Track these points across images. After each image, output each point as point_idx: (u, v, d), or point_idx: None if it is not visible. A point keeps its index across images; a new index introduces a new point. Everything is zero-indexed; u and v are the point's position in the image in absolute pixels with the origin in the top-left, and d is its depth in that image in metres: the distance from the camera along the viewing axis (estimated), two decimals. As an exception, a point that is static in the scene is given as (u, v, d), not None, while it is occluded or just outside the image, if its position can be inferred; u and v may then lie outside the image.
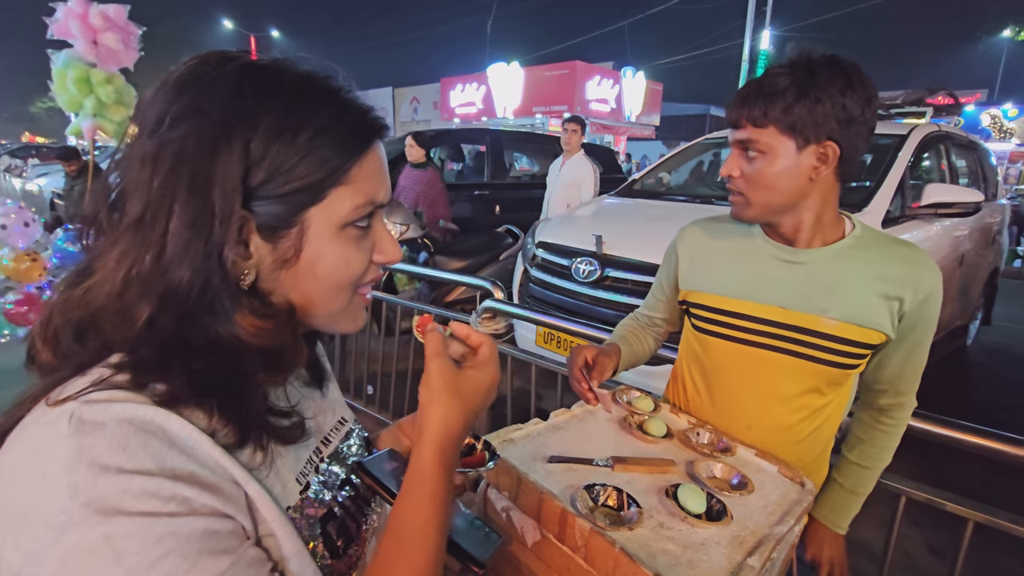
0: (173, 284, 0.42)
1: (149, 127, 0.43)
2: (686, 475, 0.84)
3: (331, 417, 0.63)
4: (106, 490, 0.35)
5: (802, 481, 0.87)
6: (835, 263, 0.94)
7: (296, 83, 0.46)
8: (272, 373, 0.48)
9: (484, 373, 0.54)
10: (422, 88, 20.51)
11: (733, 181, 0.94)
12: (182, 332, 0.43)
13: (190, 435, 0.40)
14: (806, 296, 0.95)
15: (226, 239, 0.43)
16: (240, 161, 0.43)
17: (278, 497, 0.47)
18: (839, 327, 0.92)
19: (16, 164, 11.90)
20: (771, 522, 0.75)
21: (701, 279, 1.06)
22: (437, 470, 0.49)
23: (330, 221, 0.47)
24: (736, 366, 1.02)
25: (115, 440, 0.36)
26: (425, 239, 4.05)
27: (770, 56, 14.99)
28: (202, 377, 0.43)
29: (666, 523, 0.71)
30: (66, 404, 0.38)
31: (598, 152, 6.18)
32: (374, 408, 2.94)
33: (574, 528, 0.65)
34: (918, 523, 2.11)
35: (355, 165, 0.47)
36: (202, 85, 0.44)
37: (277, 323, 0.46)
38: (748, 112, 0.88)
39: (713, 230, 1.09)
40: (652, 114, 16.93)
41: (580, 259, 2.72)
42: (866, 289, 0.91)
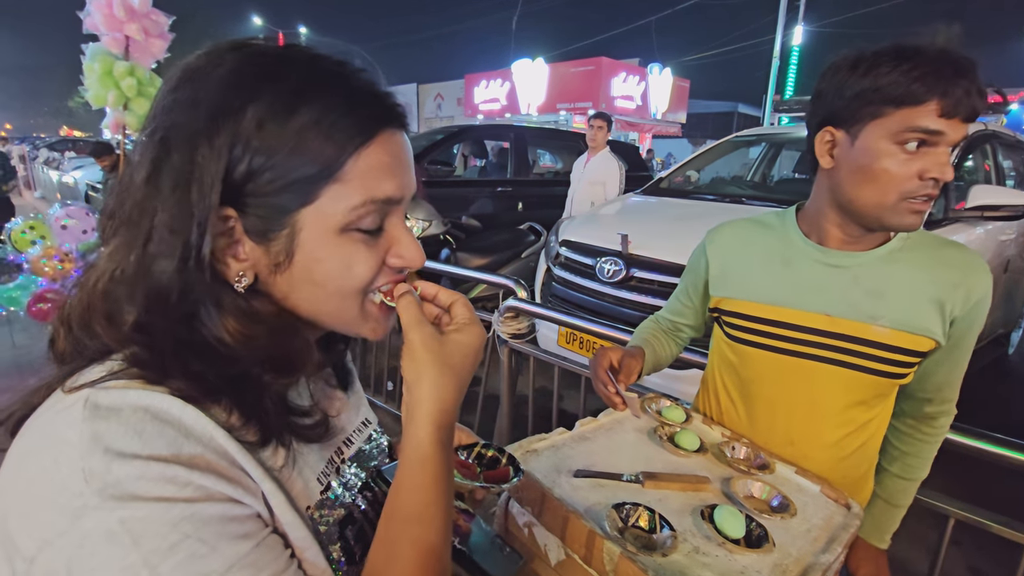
0: (155, 285, 0.40)
1: (147, 121, 0.42)
2: (722, 494, 0.79)
3: (355, 418, 0.61)
4: (122, 475, 0.34)
5: (847, 503, 0.81)
6: (883, 267, 0.88)
7: (297, 68, 0.43)
8: (279, 376, 0.45)
9: (469, 335, 0.49)
10: (446, 84, 20.57)
11: (934, 184, 0.79)
12: (177, 333, 0.41)
13: (205, 427, 0.39)
14: (853, 302, 0.89)
15: (204, 239, 0.40)
16: (222, 156, 0.40)
17: (298, 496, 0.45)
18: (889, 334, 0.87)
19: (54, 157, 12.30)
20: (816, 549, 0.70)
21: (735, 285, 1.00)
22: (436, 450, 0.45)
23: (326, 224, 0.43)
24: (776, 377, 0.96)
25: (131, 426, 0.36)
26: (447, 235, 4.03)
27: (803, 52, 14.60)
28: (202, 379, 0.41)
29: (702, 548, 0.66)
30: (82, 391, 0.38)
31: (623, 149, 6.08)
32: (393, 404, 2.93)
33: (602, 551, 0.61)
34: (959, 542, 2.01)
35: (351, 159, 0.42)
36: (199, 77, 0.41)
37: (267, 329, 0.44)
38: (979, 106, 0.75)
39: (746, 233, 1.02)
40: (678, 111, 16.71)
41: (605, 258, 2.67)
42: (917, 293, 0.86)
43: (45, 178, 9.78)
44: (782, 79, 14.54)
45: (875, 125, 0.80)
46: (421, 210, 3.82)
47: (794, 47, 14.63)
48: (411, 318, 0.47)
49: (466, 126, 6.21)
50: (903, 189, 0.80)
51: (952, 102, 0.75)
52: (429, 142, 5.11)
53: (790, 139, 4.18)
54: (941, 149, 0.78)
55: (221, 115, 0.40)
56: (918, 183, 0.79)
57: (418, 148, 4.96)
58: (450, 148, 5.78)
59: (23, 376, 3.36)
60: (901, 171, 0.79)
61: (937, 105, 0.75)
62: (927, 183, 0.79)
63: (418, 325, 0.47)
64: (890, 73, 0.77)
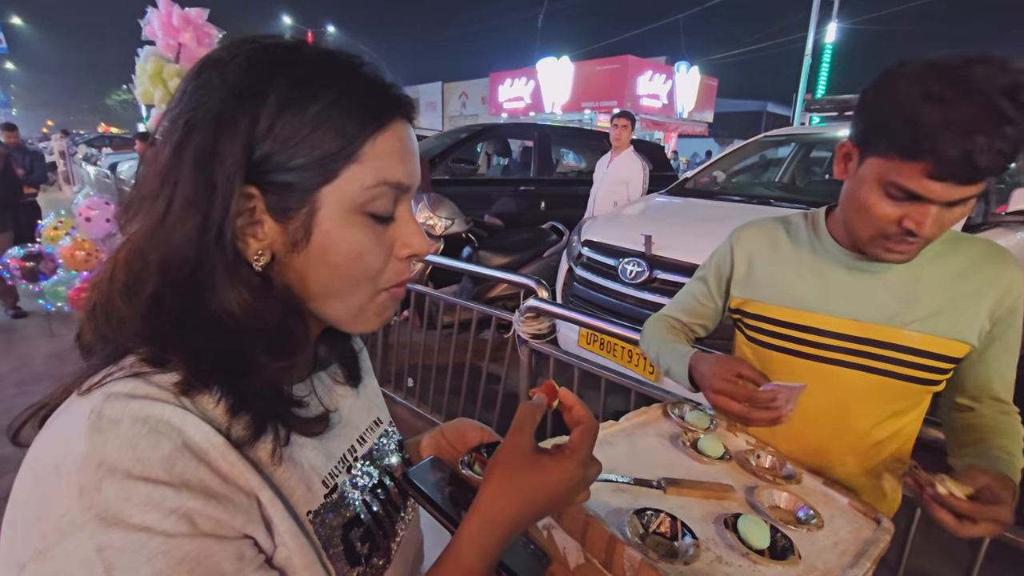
0: (168, 255, 0.41)
1: (171, 104, 0.44)
2: (746, 503, 0.77)
3: (366, 416, 0.60)
4: (110, 495, 0.35)
5: (877, 517, 0.78)
6: (912, 270, 0.86)
7: (312, 57, 0.44)
8: (277, 357, 0.45)
9: (560, 467, 0.45)
10: (471, 83, 20.64)
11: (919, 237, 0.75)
12: (184, 308, 0.42)
13: (206, 436, 0.39)
14: (884, 308, 0.87)
15: (227, 215, 0.41)
16: (245, 134, 0.41)
17: (298, 502, 0.45)
18: (921, 339, 0.84)
19: (92, 153, 12.72)
20: (843, 563, 0.67)
21: (761, 287, 0.97)
22: (471, 554, 0.44)
23: (341, 204, 0.44)
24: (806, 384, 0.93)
25: (127, 440, 0.36)
26: (469, 234, 4.04)
27: (836, 50, 14.22)
28: (201, 354, 0.42)
29: (724, 557, 0.65)
30: (92, 395, 0.39)
31: (647, 149, 6.01)
32: (413, 401, 2.95)
33: (622, 557, 0.60)
34: (993, 559, 1.93)
35: (368, 141, 0.44)
36: (220, 65, 0.43)
37: (277, 305, 0.45)
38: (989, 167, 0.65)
39: (774, 233, 0.99)
40: (705, 110, 16.45)
41: (628, 259, 2.64)
42: (951, 296, 0.84)
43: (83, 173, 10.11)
44: (814, 77, 14.20)
45: (874, 160, 0.75)
46: (444, 208, 3.83)
47: (827, 44, 14.28)
48: (518, 421, 0.48)
49: (490, 124, 6.21)
50: (880, 229, 0.78)
51: (944, 167, 0.67)
52: (453, 140, 5.12)
53: (821, 139, 4.08)
54: (928, 207, 0.72)
55: (244, 96, 0.41)
56: (896, 229, 0.76)
57: (442, 146, 4.98)
58: (474, 147, 5.79)
59: (62, 365, 3.49)
60: (882, 212, 0.76)
61: (926, 166, 0.68)
62: (904, 231, 0.75)
63: (516, 431, 0.47)
64: (901, 110, 0.69)
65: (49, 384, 0.44)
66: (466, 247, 4.05)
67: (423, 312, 2.94)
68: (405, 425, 2.86)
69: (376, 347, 3.20)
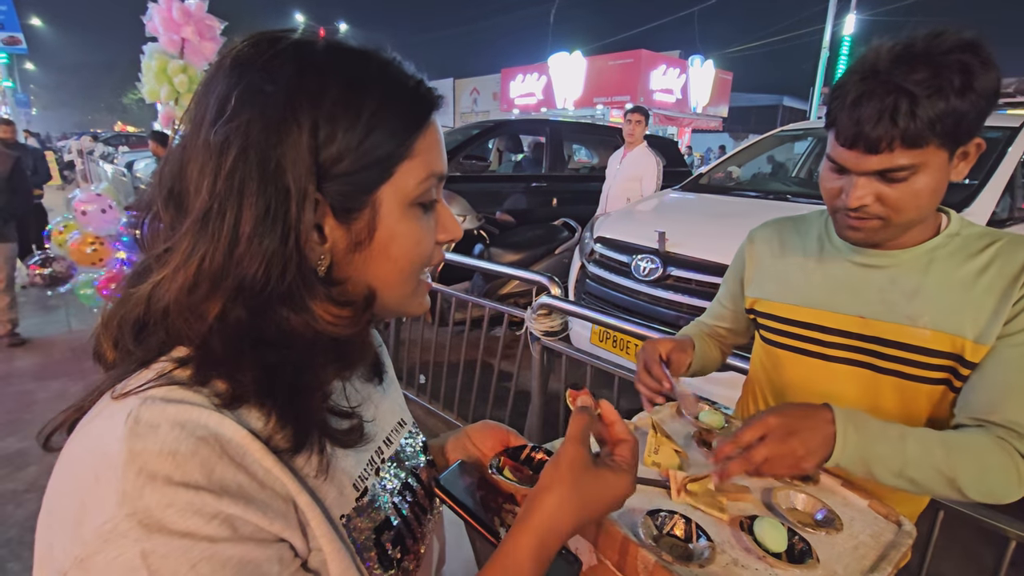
0: (248, 276, 0.40)
1: (211, 115, 0.41)
2: (762, 505, 0.76)
3: (391, 418, 0.60)
4: (152, 502, 0.35)
5: (898, 520, 0.76)
6: (926, 264, 0.82)
7: (353, 59, 0.44)
8: (343, 367, 0.47)
9: (619, 480, 0.48)
10: (482, 79, 20.61)
11: (864, 209, 0.76)
12: (255, 324, 0.42)
13: (242, 442, 0.39)
14: (890, 303, 0.83)
15: (302, 225, 0.41)
16: (310, 141, 0.41)
17: (332, 505, 0.45)
18: (933, 337, 0.80)
19: (109, 151, 12.92)
20: (863, 568, 0.66)
21: (769, 286, 0.96)
22: (530, 565, 0.44)
23: (399, 198, 0.46)
24: (812, 383, 0.92)
25: (167, 446, 0.36)
26: (480, 231, 4.03)
27: (855, 43, 13.96)
28: (273, 371, 0.42)
29: (740, 560, 0.63)
30: (128, 399, 0.38)
31: (661, 144, 5.96)
32: (425, 398, 2.96)
33: (636, 559, 0.59)
34: (1016, 563, 1.89)
35: (419, 138, 0.46)
36: (261, 66, 0.41)
37: (355, 310, 0.45)
38: (903, 131, 0.68)
39: (785, 232, 0.98)
40: (720, 105, 16.29)
41: (641, 256, 2.62)
42: (962, 291, 0.79)
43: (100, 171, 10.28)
44: (831, 71, 13.96)
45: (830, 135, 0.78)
46: (456, 205, 3.83)
47: (845, 37, 14.02)
48: (575, 433, 0.48)
49: (501, 121, 6.20)
50: (832, 204, 0.80)
51: (843, 134, 0.71)
52: (464, 137, 5.12)
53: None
54: (850, 176, 0.75)
55: (301, 100, 0.41)
56: (840, 203, 0.78)
57: (453, 143, 4.97)
58: (485, 143, 5.78)
59: (79, 360, 3.54)
60: (825, 186, 0.80)
61: (835, 134, 0.73)
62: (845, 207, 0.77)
63: (577, 442, 0.48)
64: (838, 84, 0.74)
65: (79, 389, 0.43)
66: (478, 244, 4.04)
67: (435, 309, 2.95)
68: (418, 422, 2.86)
69: (388, 344, 3.22)
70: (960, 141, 0.72)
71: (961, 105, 0.67)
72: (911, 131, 0.68)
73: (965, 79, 0.67)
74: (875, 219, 0.77)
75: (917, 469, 0.72)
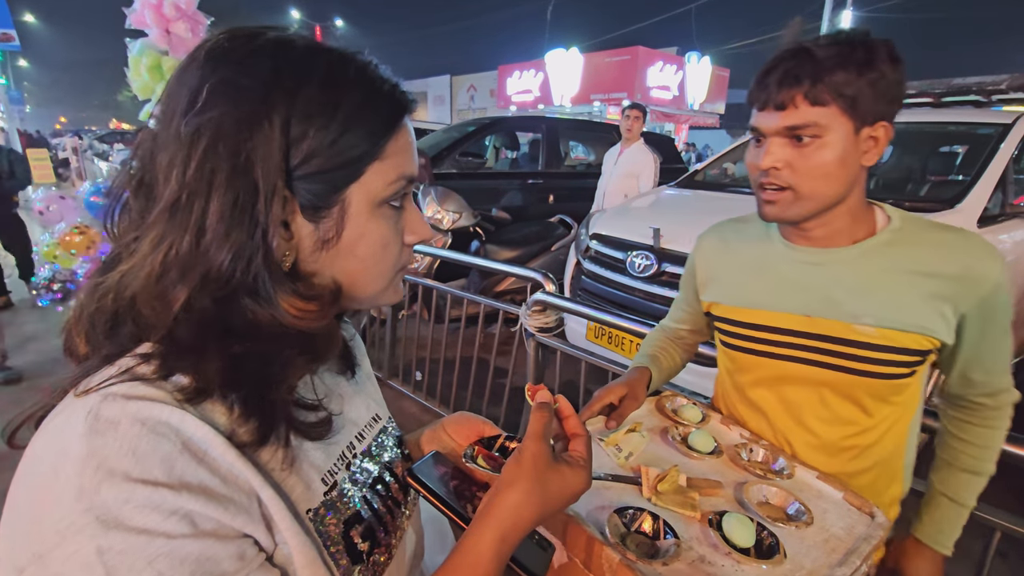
0: (214, 266, 0.41)
1: (182, 106, 0.41)
2: (734, 500, 0.77)
3: (365, 412, 0.61)
4: (109, 497, 0.35)
5: (871, 511, 0.77)
6: (867, 261, 0.82)
7: (330, 59, 0.45)
8: (310, 360, 0.47)
9: (576, 476, 0.49)
10: (479, 76, 20.55)
11: (775, 174, 0.79)
12: (221, 315, 0.42)
13: (205, 436, 0.39)
14: (834, 301, 0.84)
15: (270, 220, 0.42)
16: (281, 137, 0.41)
17: (298, 500, 0.45)
18: (876, 334, 0.81)
19: (103, 149, 12.89)
20: (832, 562, 0.67)
21: (719, 290, 0.97)
22: (491, 559, 0.44)
23: (368, 199, 0.46)
24: (767, 381, 0.93)
25: (126, 442, 0.36)
26: (477, 228, 4.03)
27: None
28: (239, 362, 0.42)
29: (707, 557, 0.64)
30: (89, 396, 0.38)
31: (657, 141, 5.95)
32: (421, 395, 2.96)
33: (601, 557, 0.60)
34: (1005, 554, 1.91)
35: (391, 140, 0.47)
36: (237, 60, 0.42)
37: (321, 305, 0.46)
38: (807, 88, 0.74)
39: (729, 235, 0.99)
40: (717, 101, 16.24)
41: (636, 252, 2.63)
42: (907, 289, 0.80)
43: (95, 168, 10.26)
44: (828, 66, 13.88)
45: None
46: (452, 202, 3.83)
47: (842, 33, 13.97)
48: (537, 430, 0.49)
49: (498, 118, 6.20)
50: (753, 180, 0.83)
51: (759, 96, 0.78)
52: (461, 134, 5.11)
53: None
54: (767, 142, 0.79)
55: (276, 95, 0.41)
56: (757, 173, 0.82)
57: (449, 140, 4.97)
58: (482, 140, 5.77)
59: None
60: (749, 161, 0.84)
61: (753, 103, 0.80)
62: (760, 174, 0.81)
63: (539, 438, 0.48)
64: None
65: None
66: (474, 241, 4.04)
67: (431, 306, 2.95)
68: (413, 419, 2.88)
69: (384, 341, 3.22)
70: (863, 116, 0.75)
71: (860, 77, 0.73)
72: (814, 88, 0.73)
73: (867, 55, 0.73)
74: (786, 190, 0.79)
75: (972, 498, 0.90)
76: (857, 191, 0.81)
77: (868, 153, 0.78)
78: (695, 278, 1.03)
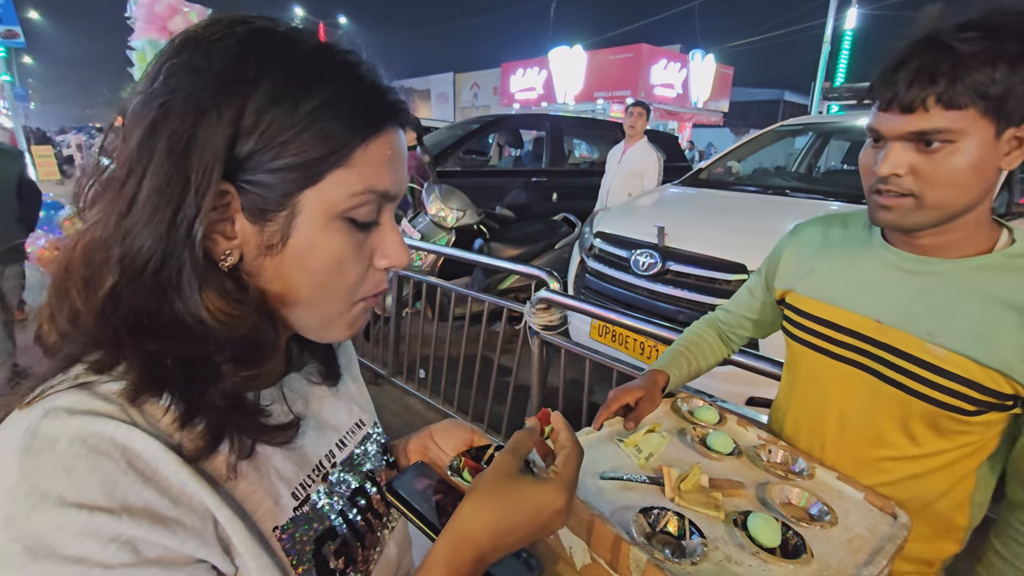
0: (132, 252, 0.38)
1: (143, 85, 0.40)
2: (756, 500, 0.76)
3: (347, 418, 0.57)
4: (40, 525, 0.32)
5: (894, 512, 0.76)
6: (963, 278, 0.74)
7: (308, 51, 0.41)
8: (242, 367, 0.42)
9: (541, 492, 0.44)
10: (482, 73, 20.54)
11: (896, 181, 0.72)
12: (146, 309, 0.39)
13: (154, 453, 0.36)
14: (913, 313, 0.77)
15: (199, 212, 0.38)
16: (228, 127, 0.38)
17: (263, 517, 0.43)
18: (948, 357, 0.73)
19: (109, 146, 12.90)
20: (858, 561, 0.66)
21: (800, 279, 0.93)
22: (441, 567, 0.42)
23: (323, 208, 0.42)
24: (820, 380, 0.90)
25: (62, 463, 0.33)
26: (480, 226, 4.02)
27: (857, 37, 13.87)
28: (155, 360, 0.38)
29: (734, 557, 0.64)
30: (32, 409, 0.36)
31: (661, 139, 5.94)
32: (425, 392, 2.96)
33: (628, 557, 0.59)
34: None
35: (360, 148, 0.42)
36: (205, 44, 0.39)
37: (245, 310, 0.41)
38: (942, 88, 0.65)
39: (829, 228, 0.95)
40: (721, 99, 16.23)
41: (640, 251, 2.61)
42: (996, 319, 0.71)
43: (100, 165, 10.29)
44: (833, 65, 13.85)
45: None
46: (455, 200, 3.82)
47: (847, 31, 13.93)
48: (511, 445, 0.47)
49: (501, 116, 6.17)
50: (867, 182, 0.78)
51: (884, 94, 0.71)
52: (464, 132, 5.10)
53: (839, 128, 3.99)
54: (887, 144, 0.73)
55: (233, 84, 0.38)
56: (873, 176, 0.75)
57: (453, 138, 4.96)
58: (485, 138, 5.76)
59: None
60: (863, 161, 0.78)
61: (875, 100, 0.74)
62: (879, 179, 0.74)
63: (507, 452, 0.46)
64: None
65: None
66: (477, 239, 4.04)
67: (434, 304, 2.95)
68: (419, 416, 2.88)
69: (387, 340, 3.22)
70: (1009, 116, 0.66)
71: (1012, 72, 0.63)
72: (951, 89, 0.64)
73: (1021, 47, 0.63)
74: (907, 196, 0.72)
75: None
76: (987, 200, 0.73)
77: (1009, 155, 0.69)
78: (776, 264, 0.99)
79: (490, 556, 0.43)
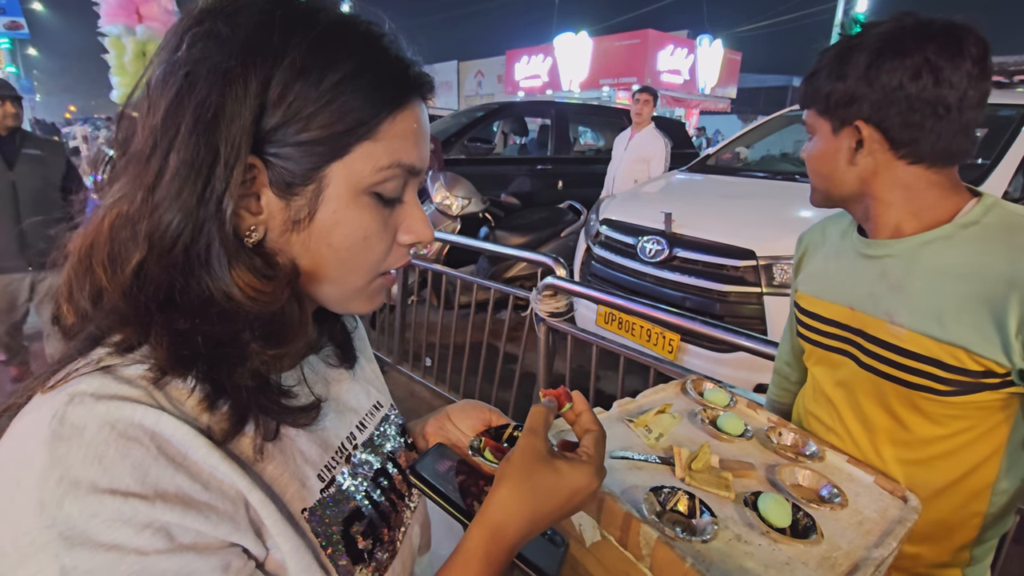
0: (160, 227, 0.37)
1: (164, 54, 0.39)
2: (767, 481, 0.76)
3: (366, 401, 0.57)
4: (73, 512, 0.31)
5: (904, 495, 0.76)
6: (914, 255, 0.75)
7: (333, 22, 0.40)
8: (270, 345, 0.41)
9: (575, 471, 0.44)
10: (487, 61, 20.39)
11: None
12: (174, 286, 0.38)
13: (184, 438, 0.36)
14: (875, 296, 0.79)
15: (228, 186, 0.37)
16: (255, 99, 0.37)
17: (292, 500, 0.42)
18: (907, 337, 0.73)
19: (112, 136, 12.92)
20: (868, 543, 0.66)
21: (801, 279, 0.97)
22: (481, 559, 0.41)
23: (350, 182, 0.41)
24: (822, 373, 0.92)
25: (92, 449, 0.33)
26: (486, 214, 4.01)
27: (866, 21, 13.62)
28: (185, 339, 0.38)
29: (744, 536, 0.63)
30: (57, 395, 0.35)
31: (668, 125, 5.89)
32: (431, 380, 2.97)
33: (639, 535, 0.59)
34: (1020, 541, 1.89)
35: (387, 120, 0.41)
36: (228, 12, 0.38)
37: (277, 286, 0.41)
38: (801, 92, 0.84)
39: (827, 226, 0.98)
40: (728, 86, 16.06)
41: (646, 237, 2.60)
42: (953, 290, 0.70)
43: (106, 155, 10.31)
44: (842, 50, 13.64)
45: None
46: (461, 188, 3.81)
47: (858, 15, 13.67)
48: (531, 425, 0.46)
49: (506, 103, 6.13)
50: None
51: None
52: (469, 119, 5.07)
53: (849, 113, 3.93)
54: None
55: (260, 54, 0.37)
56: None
57: (458, 126, 4.93)
58: (490, 125, 5.72)
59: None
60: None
61: None
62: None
63: (531, 433, 0.45)
64: None
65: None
66: (483, 227, 4.02)
67: (440, 292, 2.95)
68: (424, 403, 2.89)
69: (393, 326, 3.22)
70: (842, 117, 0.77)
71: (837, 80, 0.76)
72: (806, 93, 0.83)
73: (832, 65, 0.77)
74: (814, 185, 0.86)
75: None
76: (886, 189, 0.77)
77: (853, 153, 0.78)
78: (796, 274, 1.01)
79: (524, 540, 0.43)
